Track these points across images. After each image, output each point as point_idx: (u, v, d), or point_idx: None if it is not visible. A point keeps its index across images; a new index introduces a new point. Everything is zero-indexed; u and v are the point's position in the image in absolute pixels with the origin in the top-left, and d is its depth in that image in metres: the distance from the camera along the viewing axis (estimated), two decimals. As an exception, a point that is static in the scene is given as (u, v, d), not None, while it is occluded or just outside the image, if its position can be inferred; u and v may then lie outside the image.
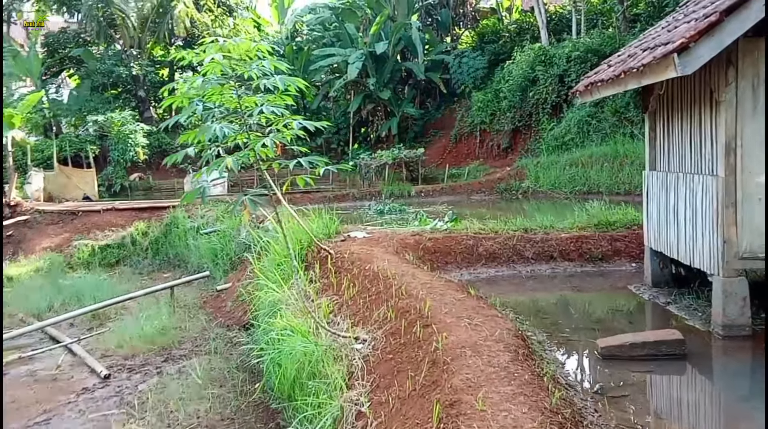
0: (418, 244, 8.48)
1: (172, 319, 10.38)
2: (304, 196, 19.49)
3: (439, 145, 28.36)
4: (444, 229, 9.25)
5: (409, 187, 20.38)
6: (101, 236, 17.23)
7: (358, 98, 29.01)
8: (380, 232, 9.00)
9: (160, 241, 17.09)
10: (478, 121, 26.14)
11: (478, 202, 19.71)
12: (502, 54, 28.02)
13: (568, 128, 21.33)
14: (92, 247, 16.74)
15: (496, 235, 8.84)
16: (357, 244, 8.18)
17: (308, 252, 8.07)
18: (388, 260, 7.33)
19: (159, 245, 17.03)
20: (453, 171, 24.81)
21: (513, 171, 21.65)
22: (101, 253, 16.78)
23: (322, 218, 9.17)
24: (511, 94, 24.40)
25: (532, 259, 8.54)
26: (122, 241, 17.11)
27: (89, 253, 16.59)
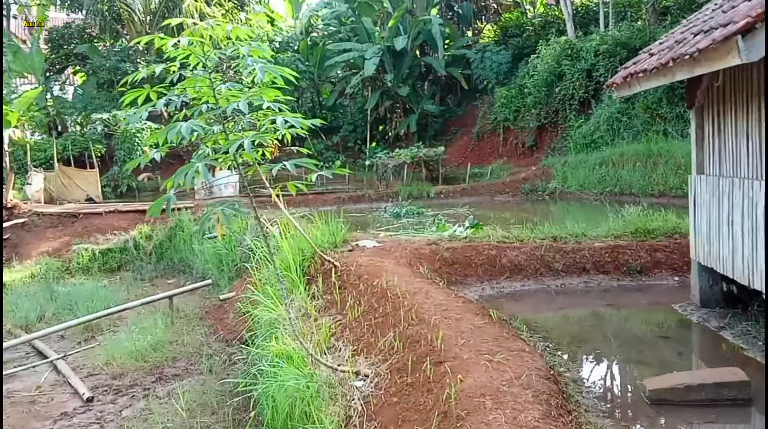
0: (435, 254, 7.79)
1: (169, 332, 9.82)
2: (317, 197, 18.91)
3: (461, 144, 27.63)
4: (463, 237, 8.55)
5: (428, 188, 19.68)
6: (102, 240, 16.78)
7: (375, 95, 28.37)
8: (392, 241, 8.34)
9: (165, 246, 16.61)
10: (501, 118, 25.38)
11: (502, 203, 18.95)
12: (527, 48, 27.22)
13: (597, 125, 20.48)
14: (92, 252, 16.28)
15: (522, 245, 8.12)
16: (366, 255, 7.52)
17: (311, 263, 7.44)
18: (399, 274, 6.66)
19: (163, 250, 16.54)
20: (475, 170, 24.07)
21: (538, 170, 20.86)
22: (102, 257, 16.32)
23: (329, 225, 8.53)
24: (536, 89, 23.60)
25: (562, 271, 7.81)
26: (124, 245, 16.63)
27: (89, 257, 16.13)
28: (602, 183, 17.85)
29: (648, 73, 5.01)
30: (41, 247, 16.94)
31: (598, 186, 17.86)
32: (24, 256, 16.62)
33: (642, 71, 5.12)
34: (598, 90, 21.56)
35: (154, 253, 16.71)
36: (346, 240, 8.26)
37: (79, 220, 17.83)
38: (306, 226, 9.25)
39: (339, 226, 8.41)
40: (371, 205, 18.10)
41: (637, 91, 5.85)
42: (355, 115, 30.87)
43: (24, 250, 17.05)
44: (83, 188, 20.73)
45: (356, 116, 30.66)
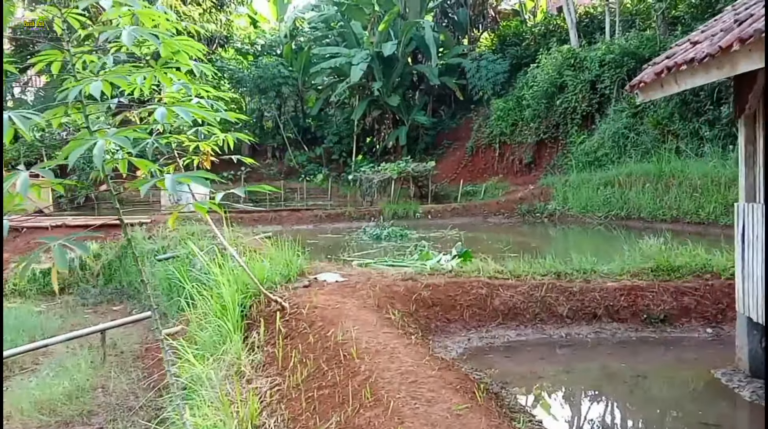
0: (411, 293, 6.50)
1: (96, 374, 8.50)
2: (292, 214, 17.62)
3: (453, 159, 26.52)
4: (448, 271, 7.27)
5: (415, 206, 18.43)
6: (45, 258, 15.34)
7: (362, 104, 27.26)
8: (361, 274, 7.04)
9: (114, 266, 15.28)
10: (497, 131, 24.35)
11: (496, 226, 17.72)
12: (526, 57, 26.28)
13: (601, 142, 19.38)
14: (32, 272, 14.92)
15: (518, 282, 6.85)
16: (324, 293, 6.22)
17: (255, 303, 6.13)
18: (362, 322, 5.37)
19: (112, 271, 15.21)
20: (468, 188, 22.95)
21: (537, 190, 19.72)
22: (43, 278, 14.98)
23: (284, 251, 7.24)
24: (535, 101, 22.58)
25: (568, 317, 6.53)
26: (70, 264, 15.30)
27: (28, 278, 14.77)
28: (607, 205, 16.72)
29: (696, 63, 3.78)
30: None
31: (603, 208, 16.73)
32: (-44, 276, 15.19)
33: (687, 62, 3.89)
34: (602, 103, 20.52)
35: (102, 274, 15.43)
36: (303, 272, 6.96)
37: (22, 234, 16.44)
38: (257, 253, 7.95)
39: (295, 254, 7.11)
40: (351, 225, 16.81)
41: (673, 92, 4.63)
42: (340, 125, 29.74)
43: (-43, 268, 15.61)
44: (32, 199, 19.32)
45: (342, 127, 29.52)
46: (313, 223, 17.12)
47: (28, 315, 12.18)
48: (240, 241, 12.04)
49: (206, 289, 6.79)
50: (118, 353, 9.70)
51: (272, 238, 15.09)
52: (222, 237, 5.88)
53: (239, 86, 30.66)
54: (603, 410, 5.06)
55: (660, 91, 4.70)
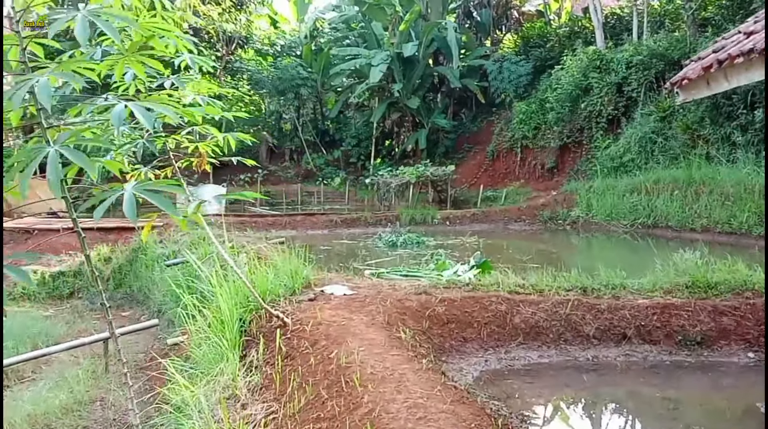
0: (425, 308, 6.03)
1: (96, 385, 8.15)
2: (306, 219, 17.21)
3: (473, 163, 25.99)
4: (465, 284, 6.79)
5: (433, 212, 17.93)
6: (55, 262, 15.18)
7: (381, 106, 26.83)
8: (371, 287, 6.58)
9: (124, 271, 14.99)
10: (519, 135, 23.77)
11: (517, 232, 17.16)
12: (550, 59, 25.66)
13: (627, 147, 18.73)
14: (42, 275, 14.70)
15: (541, 298, 6.35)
16: (331, 308, 5.79)
17: (255, 318, 5.71)
18: (369, 342, 4.92)
19: (123, 275, 14.92)
20: (488, 193, 22.42)
21: (560, 196, 19.12)
22: (53, 282, 14.73)
23: (290, 261, 6.81)
24: (559, 104, 21.96)
25: (595, 337, 6.01)
26: (79, 268, 15.02)
27: (38, 282, 14.54)
28: (633, 213, 16.09)
29: (756, 55, 3.27)
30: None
31: (629, 216, 16.10)
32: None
33: (744, 54, 3.39)
34: (629, 106, 19.88)
35: (113, 278, 15.18)
36: (310, 284, 6.52)
37: (33, 236, 16.25)
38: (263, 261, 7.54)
39: (301, 264, 6.68)
40: (366, 230, 16.37)
41: (720, 90, 4.13)
42: (359, 128, 29.35)
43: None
44: (45, 200, 19.15)
45: (361, 129, 29.13)
46: (328, 228, 16.71)
47: (33, 321, 11.92)
48: (250, 247, 11.68)
49: (206, 301, 6.40)
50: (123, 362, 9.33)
51: (285, 244, 14.76)
52: (219, 245, 5.46)
53: (258, 87, 30.45)
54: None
55: (705, 89, 4.19)
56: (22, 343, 10.34)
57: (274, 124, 32.13)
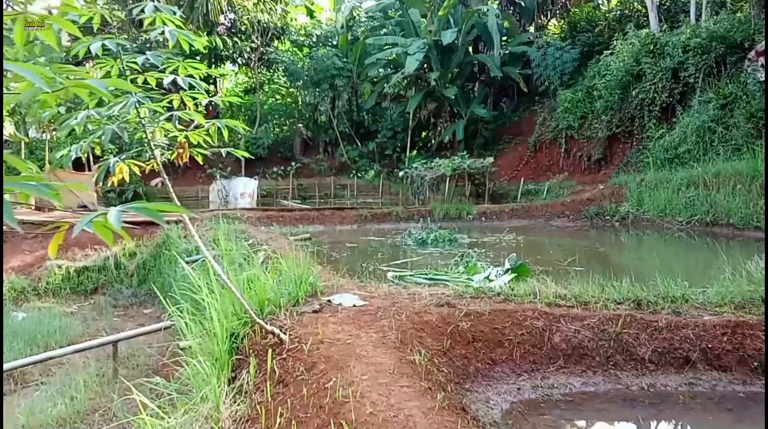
0: (447, 324, 5.17)
1: (102, 393, 7.61)
2: (335, 214, 16.46)
3: (514, 155, 24.89)
4: (496, 293, 5.90)
5: (468, 207, 16.96)
6: (80, 256, 14.82)
7: (417, 96, 25.89)
8: (386, 297, 5.74)
9: (148, 266, 14.58)
10: (564, 125, 22.60)
11: (559, 229, 16.08)
12: (598, 45, 24.40)
13: (683, 136, 17.42)
14: (66, 270, 14.39)
15: (586, 312, 5.42)
16: (336, 322, 4.98)
17: (249, 333, 4.94)
18: (376, 368, 4.10)
19: (147, 271, 14.53)
20: (529, 187, 21.35)
21: (607, 190, 17.94)
22: (77, 277, 14.46)
23: (296, 264, 6.03)
24: (607, 92, 20.74)
25: (651, 362, 5.06)
26: (104, 263, 14.68)
27: (62, 277, 14.26)
28: (689, 209, 14.85)
29: None
30: (13, 262, 15.13)
31: (684, 213, 14.87)
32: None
33: None
34: (685, 93, 18.54)
35: (137, 274, 14.81)
36: (317, 292, 5.72)
37: (62, 230, 15.92)
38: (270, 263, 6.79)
39: (308, 269, 5.89)
40: (398, 226, 15.52)
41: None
42: (395, 119, 28.51)
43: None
44: (76, 193, 18.89)
45: (397, 121, 28.30)
46: (358, 224, 15.93)
47: (51, 318, 11.57)
48: (269, 245, 10.97)
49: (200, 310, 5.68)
50: (131, 367, 8.81)
51: (310, 240, 14.05)
52: (203, 246, 4.70)
53: (293, 79, 29.87)
54: None
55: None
56: (35, 343, 9.94)
57: (309, 116, 31.54)
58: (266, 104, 32.70)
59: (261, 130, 28.10)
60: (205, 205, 24.11)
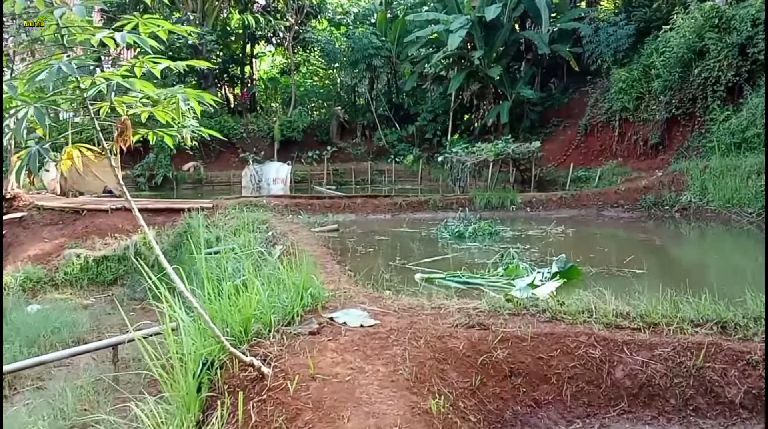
0: (476, 351, 4.11)
1: (95, 403, 6.87)
2: (367, 202, 15.45)
3: (563, 139, 23.46)
4: (540, 309, 4.80)
5: (512, 195, 15.72)
6: (100, 245, 14.22)
7: (459, 76, 24.58)
8: (401, 313, 4.70)
9: (169, 256, 13.79)
10: (618, 107, 21.08)
11: (613, 220, 14.74)
12: (656, 20, 22.68)
13: (752, 119, 15.83)
14: (85, 260, 13.82)
15: (656, 338, 4.29)
16: (336, 349, 3.97)
17: (226, 361, 3.97)
18: (380, 418, 3.09)
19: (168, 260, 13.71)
20: (579, 173, 19.95)
21: (666, 177, 16.48)
22: (96, 267, 13.88)
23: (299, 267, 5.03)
24: (666, 70, 19.14)
25: (744, 407, 3.91)
26: (124, 252, 14.04)
27: (80, 266, 13.70)
28: (760, 199, 13.35)
29: None
30: (31, 250, 14.64)
31: (755, 203, 13.40)
32: (13, 259, 14.44)
33: None
34: (754, 71, 16.86)
35: (157, 265, 14.02)
36: (317, 307, 4.71)
37: (82, 217, 15.38)
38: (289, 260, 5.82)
39: (309, 276, 4.88)
40: (435, 216, 14.42)
41: None
42: (436, 101, 27.29)
43: (16, 252, 14.84)
44: (101, 178, 18.31)
45: (438, 103, 27.08)
46: (392, 213, 14.87)
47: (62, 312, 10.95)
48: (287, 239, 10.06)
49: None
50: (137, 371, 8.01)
51: (337, 231, 13.09)
52: (160, 252, 3.74)
53: (329, 59, 28.90)
54: None
55: None
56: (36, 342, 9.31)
57: (347, 99, 30.57)
58: (302, 86, 31.83)
59: (295, 112, 27.23)
60: (237, 191, 23.43)
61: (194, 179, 23.73)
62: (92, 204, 15.63)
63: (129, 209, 14.67)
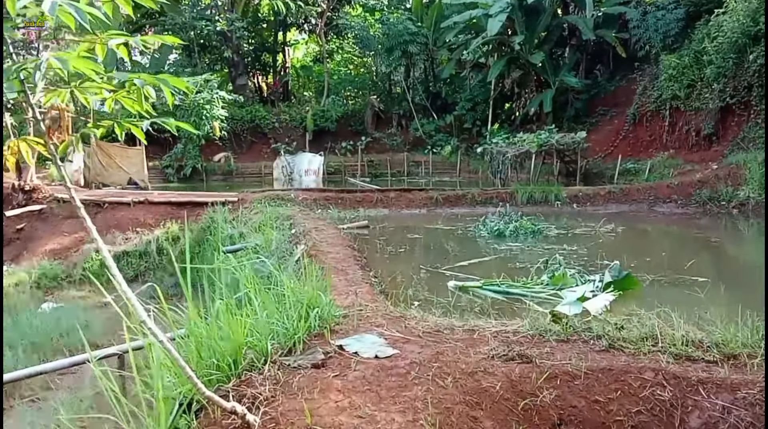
0: (518, 393, 3.37)
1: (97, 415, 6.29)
2: (402, 195, 14.73)
3: (609, 129, 22.50)
4: (595, 335, 4.01)
5: (557, 189, 14.82)
6: (120, 239, 13.82)
7: (500, 63, 23.70)
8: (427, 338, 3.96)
9: (193, 252, 13.33)
10: (668, 95, 20.05)
11: (666, 217, 13.76)
12: (707, 3, 21.44)
13: (815, 108, 14.66)
14: (104, 256, 13.38)
15: (738, 375, 3.49)
16: (343, 388, 3.28)
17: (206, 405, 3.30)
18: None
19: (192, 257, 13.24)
20: (628, 165, 19.03)
21: (722, 170, 15.44)
22: (117, 263, 13.34)
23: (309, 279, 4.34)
24: (720, 56, 18.10)
25: None
26: (146, 248, 13.66)
27: (100, 262, 13.31)
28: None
29: None
30: (50, 244, 14.33)
31: (820, 199, 12.28)
32: (31, 254, 14.15)
33: None
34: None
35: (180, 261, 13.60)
36: (323, 332, 3.99)
37: (104, 210, 15.03)
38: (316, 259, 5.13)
39: (318, 290, 4.18)
40: (473, 211, 13.63)
41: None
42: (475, 89, 26.46)
43: (34, 246, 14.56)
44: (125, 169, 17.98)
45: (476, 91, 26.25)
46: (427, 208, 14.13)
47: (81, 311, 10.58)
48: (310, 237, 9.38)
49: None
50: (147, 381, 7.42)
51: (368, 228, 12.38)
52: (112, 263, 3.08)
53: (363, 46, 28.22)
54: None
55: None
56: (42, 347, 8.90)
57: (382, 87, 29.84)
58: (335, 74, 31.23)
59: (328, 101, 26.62)
60: (269, 183, 22.97)
61: (224, 170, 23.32)
62: (114, 197, 15.26)
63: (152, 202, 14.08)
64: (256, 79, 29.71)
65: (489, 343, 3.87)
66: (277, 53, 29.99)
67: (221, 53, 25.36)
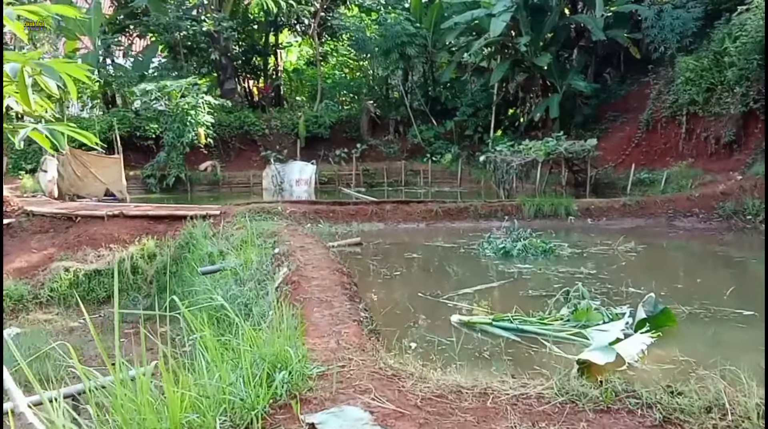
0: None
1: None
2: (399, 208, 13.95)
3: (621, 136, 21.83)
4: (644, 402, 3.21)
5: (567, 201, 14.06)
6: (92, 257, 13.04)
7: (503, 66, 23.07)
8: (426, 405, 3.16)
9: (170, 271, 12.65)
10: (685, 99, 19.38)
11: (687, 233, 13.00)
12: (727, 1, 20.84)
13: None
14: (75, 274, 12.70)
15: None
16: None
17: None
18: None
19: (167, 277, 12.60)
20: (642, 175, 18.32)
21: (747, 181, 14.74)
22: (87, 282, 12.83)
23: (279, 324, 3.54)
24: (742, 58, 17.42)
25: None
26: (120, 266, 12.85)
27: (69, 282, 12.63)
28: None
29: None
30: (17, 262, 13.55)
31: None
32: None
33: None
34: None
35: (156, 281, 12.98)
36: (290, 403, 3.17)
37: (76, 224, 14.25)
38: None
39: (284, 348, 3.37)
40: (476, 225, 12.85)
41: None
42: (476, 94, 25.86)
43: (2, 262, 13.76)
44: (102, 180, 17.18)
45: (478, 96, 25.65)
46: (426, 221, 13.36)
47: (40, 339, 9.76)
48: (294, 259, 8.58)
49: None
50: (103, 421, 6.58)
51: (360, 246, 11.59)
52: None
53: (359, 48, 27.56)
54: None
55: None
56: None
57: (379, 92, 29.17)
58: (329, 78, 30.55)
59: (322, 106, 25.91)
60: (258, 193, 22.21)
61: (210, 180, 22.52)
62: (87, 210, 14.46)
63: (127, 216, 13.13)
64: (246, 83, 28.99)
65: (507, 416, 3.06)
66: (268, 56, 29.29)
67: (208, 56, 24.65)
